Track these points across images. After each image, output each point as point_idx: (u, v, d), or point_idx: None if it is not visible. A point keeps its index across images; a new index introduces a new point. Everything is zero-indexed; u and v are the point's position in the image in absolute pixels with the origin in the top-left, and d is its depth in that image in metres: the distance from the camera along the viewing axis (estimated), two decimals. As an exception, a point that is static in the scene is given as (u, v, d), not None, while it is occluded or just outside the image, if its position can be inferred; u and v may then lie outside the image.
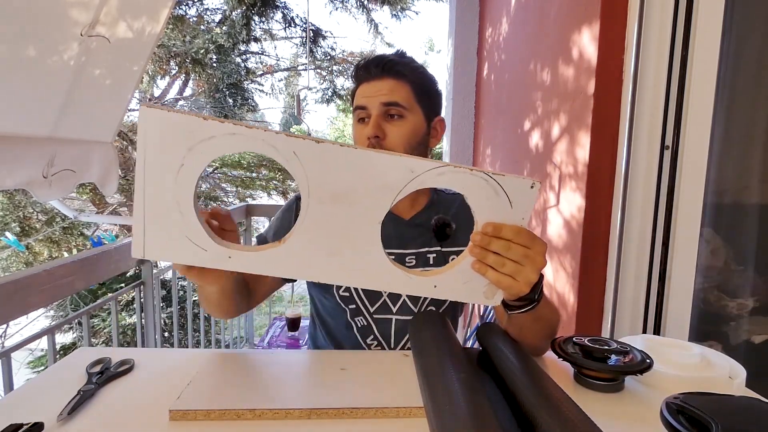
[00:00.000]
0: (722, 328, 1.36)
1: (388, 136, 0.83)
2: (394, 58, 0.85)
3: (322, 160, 0.50)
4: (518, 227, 0.56)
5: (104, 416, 0.58)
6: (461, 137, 2.79)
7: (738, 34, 1.22)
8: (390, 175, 0.51)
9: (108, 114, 2.13)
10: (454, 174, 0.52)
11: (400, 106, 0.83)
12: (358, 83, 0.88)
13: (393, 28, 26.56)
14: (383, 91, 0.83)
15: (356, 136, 0.87)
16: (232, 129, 0.48)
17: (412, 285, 0.57)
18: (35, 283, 1.10)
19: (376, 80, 0.84)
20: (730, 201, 1.36)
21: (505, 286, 0.57)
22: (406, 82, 0.84)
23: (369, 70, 0.85)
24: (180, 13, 5.64)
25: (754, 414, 0.51)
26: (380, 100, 0.83)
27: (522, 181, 0.53)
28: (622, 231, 1.25)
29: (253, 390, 0.63)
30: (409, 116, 0.84)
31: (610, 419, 0.56)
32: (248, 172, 7.01)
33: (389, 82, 0.84)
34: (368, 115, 0.84)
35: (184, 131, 0.48)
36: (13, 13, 1.36)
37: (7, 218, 4.72)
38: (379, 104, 0.83)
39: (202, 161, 0.50)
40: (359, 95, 0.86)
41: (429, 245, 0.90)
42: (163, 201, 0.51)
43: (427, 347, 0.69)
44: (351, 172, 0.51)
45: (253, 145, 0.49)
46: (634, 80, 1.20)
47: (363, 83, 0.86)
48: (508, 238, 0.55)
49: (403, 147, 0.84)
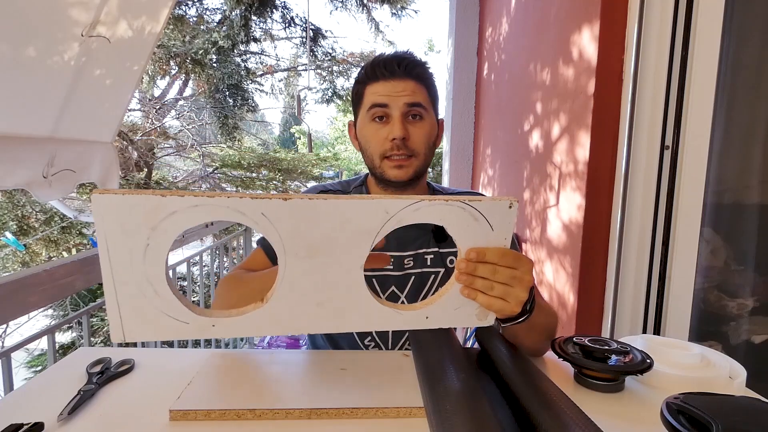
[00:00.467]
0: (722, 328, 1.36)
1: (411, 136, 0.82)
2: (415, 60, 0.84)
3: (292, 217, 0.48)
4: (502, 249, 0.56)
5: (104, 416, 0.58)
6: (461, 137, 2.79)
7: (738, 34, 1.22)
8: (365, 220, 0.50)
9: (108, 114, 2.13)
10: (430, 207, 0.52)
11: (422, 107, 0.83)
12: (373, 80, 0.84)
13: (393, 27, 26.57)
14: (407, 91, 0.82)
15: (372, 135, 0.85)
16: (194, 201, 0.46)
17: (403, 320, 0.57)
18: (35, 283, 1.10)
19: (398, 79, 0.82)
20: (730, 201, 1.36)
21: (496, 309, 0.57)
22: (425, 85, 0.84)
23: (392, 69, 0.82)
24: (180, 13, 5.64)
25: (754, 414, 0.51)
26: (404, 101, 0.81)
27: (499, 203, 0.53)
28: (622, 231, 1.25)
29: (254, 390, 0.63)
30: (426, 117, 0.84)
31: (610, 419, 0.56)
32: (248, 173, 7.01)
33: (411, 83, 0.82)
34: (386, 114, 0.83)
35: (143, 211, 0.46)
36: (13, 13, 1.36)
37: (6, 217, 4.72)
38: (403, 104, 0.82)
39: (168, 238, 0.47)
40: (376, 93, 0.83)
41: (427, 246, 0.90)
42: (134, 283, 0.49)
43: (428, 347, 0.69)
44: (324, 224, 0.49)
45: (218, 213, 0.47)
46: (634, 80, 1.20)
47: (380, 81, 0.83)
48: (494, 262, 0.55)
49: (424, 147, 0.84)
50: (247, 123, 8.54)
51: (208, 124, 6.92)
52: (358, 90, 0.87)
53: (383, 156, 0.83)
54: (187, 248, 2.33)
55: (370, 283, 0.87)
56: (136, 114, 6.48)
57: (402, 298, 0.88)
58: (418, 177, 0.87)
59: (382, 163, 0.84)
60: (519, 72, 2.00)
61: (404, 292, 0.88)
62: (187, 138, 6.76)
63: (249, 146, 8.05)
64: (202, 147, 6.99)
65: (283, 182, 7.08)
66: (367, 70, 0.85)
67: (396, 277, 0.88)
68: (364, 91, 0.85)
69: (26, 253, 4.94)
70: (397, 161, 0.83)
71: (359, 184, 0.95)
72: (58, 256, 5.11)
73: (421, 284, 0.89)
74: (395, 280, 0.88)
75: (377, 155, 0.84)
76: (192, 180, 6.89)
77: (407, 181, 0.85)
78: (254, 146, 8.59)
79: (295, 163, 7.29)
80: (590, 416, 0.50)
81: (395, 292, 0.88)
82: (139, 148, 5.95)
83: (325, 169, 8.04)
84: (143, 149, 6.04)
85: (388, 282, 0.88)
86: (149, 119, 6.41)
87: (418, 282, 0.88)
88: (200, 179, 6.85)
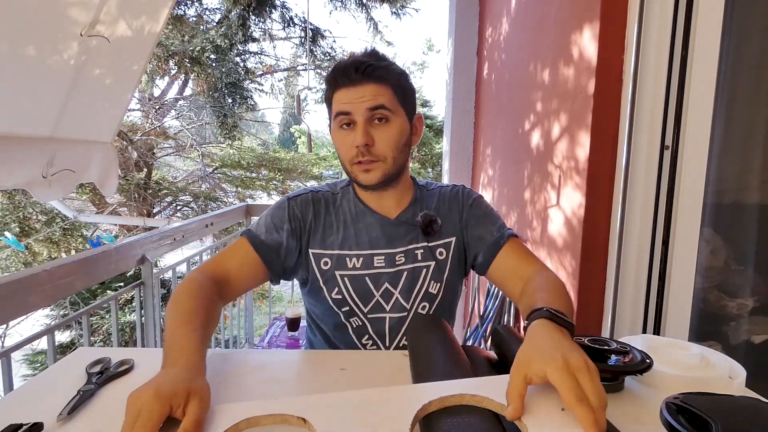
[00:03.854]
0: (722, 328, 1.36)
1: (376, 141, 0.82)
2: (372, 62, 0.82)
3: None
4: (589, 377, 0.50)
5: (104, 416, 0.57)
6: (461, 137, 2.79)
7: (738, 34, 1.22)
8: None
9: (108, 114, 2.13)
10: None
11: (386, 108, 0.82)
12: (335, 88, 0.84)
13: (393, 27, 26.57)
14: (366, 96, 0.81)
15: (340, 143, 0.86)
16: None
17: None
18: (35, 283, 1.10)
19: (358, 85, 0.82)
20: (730, 201, 1.36)
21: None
22: (388, 85, 0.83)
23: (348, 76, 0.82)
24: (179, 13, 5.64)
25: (754, 414, 0.51)
26: (365, 106, 0.81)
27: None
28: (622, 231, 1.25)
29: (253, 390, 0.63)
30: (393, 119, 0.83)
31: (610, 419, 0.56)
32: (248, 172, 7.01)
33: (371, 87, 0.82)
34: (352, 121, 0.83)
35: None
36: (13, 13, 1.36)
37: (7, 218, 4.72)
38: (364, 110, 0.81)
39: None
40: (339, 101, 0.83)
41: (416, 241, 0.90)
42: None
43: (424, 348, 0.69)
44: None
45: None
46: (634, 80, 1.20)
47: (341, 88, 0.83)
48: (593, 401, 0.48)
49: (391, 150, 0.84)
50: (247, 123, 8.53)
51: (208, 124, 6.91)
52: (327, 96, 0.88)
53: (351, 163, 0.85)
54: (187, 248, 2.33)
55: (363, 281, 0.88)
56: (135, 114, 6.48)
57: (396, 294, 0.89)
58: (390, 179, 0.87)
59: (352, 168, 0.85)
60: (519, 72, 2.00)
61: (398, 288, 0.89)
62: (187, 138, 6.75)
63: (249, 146, 8.03)
64: (201, 147, 6.98)
65: (283, 182, 7.08)
66: (329, 77, 0.86)
67: (388, 273, 0.88)
68: (332, 98, 0.86)
69: (27, 254, 4.95)
70: (365, 166, 0.84)
71: (346, 184, 0.95)
72: (59, 256, 5.11)
73: (414, 279, 0.89)
74: (388, 277, 0.89)
75: (347, 161, 0.86)
76: (192, 180, 6.89)
77: (378, 184, 0.86)
78: (254, 146, 8.58)
79: (295, 162, 7.29)
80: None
81: (389, 288, 0.89)
82: (139, 148, 5.95)
83: (325, 168, 8.04)
84: (143, 149, 6.04)
85: (381, 279, 0.88)
86: (149, 119, 6.41)
87: (410, 277, 0.89)
88: (200, 179, 6.85)
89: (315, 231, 0.90)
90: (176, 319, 0.66)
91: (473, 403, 0.52)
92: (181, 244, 1.84)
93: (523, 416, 0.48)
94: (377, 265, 0.88)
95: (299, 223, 0.89)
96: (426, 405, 0.50)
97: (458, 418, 0.50)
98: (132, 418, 0.48)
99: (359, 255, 0.88)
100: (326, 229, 0.90)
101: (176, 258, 2.08)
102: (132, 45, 1.91)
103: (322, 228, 0.90)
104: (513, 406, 0.49)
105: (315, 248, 0.89)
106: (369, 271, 0.88)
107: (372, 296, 0.88)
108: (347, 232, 0.89)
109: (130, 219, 5.72)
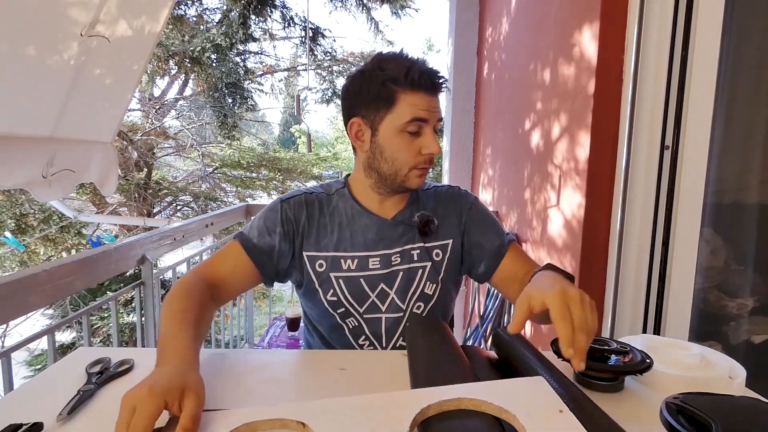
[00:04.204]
0: (722, 328, 1.36)
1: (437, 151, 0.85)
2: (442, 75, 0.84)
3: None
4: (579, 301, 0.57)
5: (104, 416, 0.57)
6: (461, 137, 2.79)
7: (738, 34, 1.22)
8: None
9: (108, 114, 2.13)
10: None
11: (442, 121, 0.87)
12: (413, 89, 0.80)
13: (393, 27, 26.55)
14: (438, 107, 0.84)
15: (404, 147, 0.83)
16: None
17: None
18: (35, 283, 1.10)
19: (435, 95, 0.83)
20: (730, 201, 1.36)
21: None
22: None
23: (433, 82, 0.81)
24: (179, 13, 5.64)
25: (754, 414, 0.51)
26: (437, 117, 0.84)
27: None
28: (622, 231, 1.25)
29: (253, 390, 0.63)
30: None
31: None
32: (248, 172, 7.01)
33: (439, 99, 0.85)
34: (421, 128, 0.82)
35: None
36: (14, 13, 1.36)
37: (4, 216, 4.71)
38: (436, 121, 0.84)
39: None
40: (417, 106, 0.80)
41: (412, 242, 0.90)
42: None
43: (421, 348, 0.69)
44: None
45: None
46: (634, 80, 1.20)
47: (420, 92, 0.80)
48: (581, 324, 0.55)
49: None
50: (247, 123, 8.53)
51: (208, 124, 6.92)
52: (386, 92, 0.81)
53: (412, 167, 0.85)
54: (187, 248, 2.33)
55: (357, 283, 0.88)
56: (135, 114, 6.48)
57: (392, 294, 0.89)
58: None
59: (410, 172, 0.85)
60: (519, 72, 2.00)
61: (394, 288, 0.89)
62: (187, 138, 6.75)
63: (249, 146, 8.03)
64: (201, 147, 6.99)
65: (283, 182, 7.08)
66: (406, 74, 0.79)
67: (384, 274, 0.88)
68: (396, 96, 0.80)
69: (25, 253, 4.94)
70: (422, 171, 0.86)
71: (341, 186, 0.94)
72: (57, 255, 5.10)
73: (410, 279, 0.89)
74: (383, 278, 0.88)
75: (406, 165, 0.84)
76: (192, 180, 6.90)
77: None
78: (254, 146, 8.57)
79: (295, 162, 7.29)
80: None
81: (384, 289, 0.88)
82: (139, 148, 5.95)
83: (325, 168, 8.04)
84: (143, 149, 6.04)
85: (376, 280, 0.88)
86: (149, 119, 6.41)
87: (406, 277, 0.89)
88: (200, 179, 6.85)
89: (309, 233, 0.89)
90: (169, 319, 0.67)
91: (472, 407, 0.52)
92: (181, 244, 1.84)
93: (522, 418, 0.48)
94: (372, 267, 0.88)
95: (292, 225, 0.88)
96: (424, 409, 0.50)
97: (457, 423, 0.50)
98: (127, 415, 0.48)
99: (354, 257, 0.88)
100: (320, 231, 0.89)
101: (176, 258, 2.08)
102: (132, 45, 1.91)
103: (316, 230, 0.89)
104: (513, 325, 0.58)
105: (309, 250, 0.89)
106: (364, 273, 0.88)
107: (367, 297, 0.88)
108: (342, 234, 0.89)
109: (130, 219, 5.72)
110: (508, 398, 0.51)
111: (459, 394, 0.52)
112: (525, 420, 0.48)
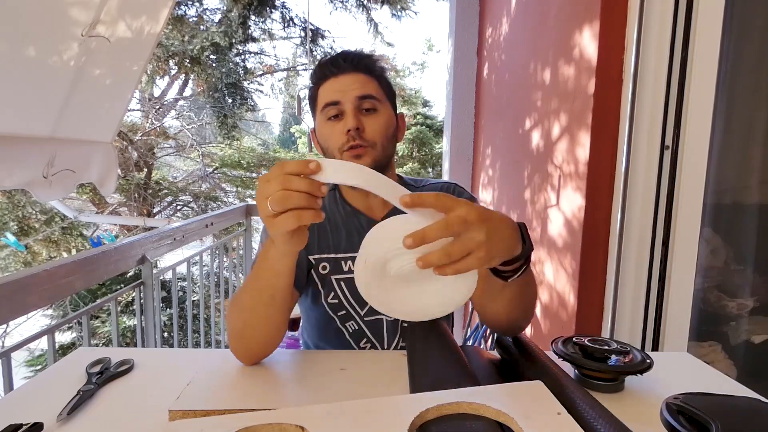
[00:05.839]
0: (722, 328, 1.36)
1: (366, 127, 0.82)
2: (361, 53, 0.84)
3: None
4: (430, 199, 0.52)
5: (104, 416, 0.57)
6: (461, 137, 2.79)
7: (738, 34, 1.22)
8: None
9: (108, 114, 2.13)
10: None
11: (374, 98, 0.82)
12: (322, 80, 0.84)
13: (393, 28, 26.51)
14: (355, 85, 0.81)
15: (328, 135, 0.84)
16: None
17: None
18: (35, 283, 1.10)
19: (346, 75, 0.82)
20: (730, 201, 1.36)
21: (476, 265, 0.51)
22: (374, 76, 0.84)
23: (338, 65, 0.82)
24: (179, 13, 5.64)
25: (754, 414, 0.51)
26: (354, 94, 0.81)
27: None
28: (622, 231, 1.25)
29: (253, 390, 0.63)
30: (381, 109, 0.84)
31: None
32: (248, 172, 7.00)
33: (359, 77, 0.82)
34: (341, 111, 0.82)
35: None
36: (13, 13, 1.36)
37: (6, 218, 4.72)
38: (353, 98, 0.81)
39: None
40: (327, 91, 0.83)
41: None
42: None
43: (420, 349, 0.69)
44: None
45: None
46: (634, 80, 1.20)
47: (329, 79, 0.83)
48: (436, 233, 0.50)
49: (381, 137, 0.83)
50: (247, 123, 8.53)
51: (208, 124, 6.91)
52: (311, 93, 0.87)
53: (341, 150, 0.82)
54: (187, 248, 2.33)
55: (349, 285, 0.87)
56: (135, 114, 6.48)
57: None
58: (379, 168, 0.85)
59: (343, 156, 0.82)
60: (519, 72, 2.00)
61: None
62: (187, 138, 6.75)
63: (249, 146, 8.03)
64: (201, 147, 6.99)
65: (283, 182, 7.06)
66: (315, 71, 0.85)
67: None
68: (317, 93, 0.85)
69: (27, 254, 4.94)
70: (356, 151, 0.81)
71: (332, 188, 0.93)
72: (59, 256, 5.11)
73: None
74: None
75: (336, 149, 0.83)
76: (192, 180, 6.90)
77: None
78: (254, 146, 8.57)
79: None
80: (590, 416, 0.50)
81: None
82: (139, 148, 5.95)
83: (325, 169, 8.03)
84: (143, 149, 6.04)
85: None
86: (149, 119, 6.41)
87: None
88: (200, 179, 6.85)
89: (311, 237, 0.89)
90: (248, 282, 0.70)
91: (471, 411, 0.52)
92: (181, 244, 1.84)
93: (520, 420, 0.49)
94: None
95: None
96: (423, 412, 0.50)
97: (456, 426, 0.50)
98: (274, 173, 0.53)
99: (353, 258, 0.88)
100: (320, 234, 0.89)
101: (176, 258, 2.08)
102: (132, 45, 1.91)
103: (317, 233, 0.89)
104: (406, 195, 0.53)
105: (313, 254, 0.88)
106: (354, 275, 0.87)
107: None
108: (339, 236, 0.88)
109: (130, 219, 5.72)
110: (507, 402, 0.52)
111: (457, 397, 0.52)
112: (523, 423, 0.48)
